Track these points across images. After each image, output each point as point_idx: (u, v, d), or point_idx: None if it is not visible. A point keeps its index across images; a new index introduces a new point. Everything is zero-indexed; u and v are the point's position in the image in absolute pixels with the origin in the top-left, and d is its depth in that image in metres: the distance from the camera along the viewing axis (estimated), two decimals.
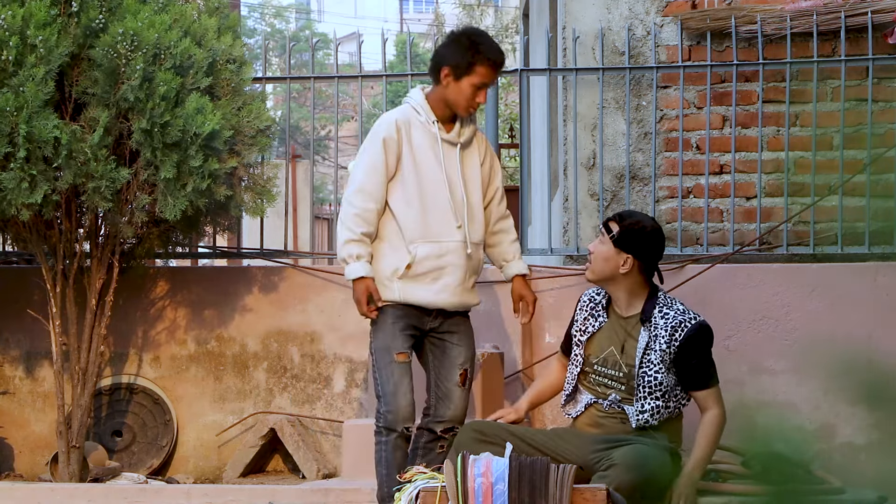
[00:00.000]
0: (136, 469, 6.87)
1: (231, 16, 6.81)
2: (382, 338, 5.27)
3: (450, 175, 5.30)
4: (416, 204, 5.25)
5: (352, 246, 5.22)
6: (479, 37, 5.37)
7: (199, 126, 6.16)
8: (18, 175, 6.02)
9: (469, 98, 5.28)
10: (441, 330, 5.34)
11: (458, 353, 5.34)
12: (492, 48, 5.30)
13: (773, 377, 6.46)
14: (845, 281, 6.47)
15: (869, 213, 6.60)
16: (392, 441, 5.23)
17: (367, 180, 5.25)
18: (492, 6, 27.92)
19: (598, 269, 5.15)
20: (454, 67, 5.27)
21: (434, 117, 5.30)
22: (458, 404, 5.31)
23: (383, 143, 5.25)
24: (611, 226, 5.15)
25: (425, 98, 5.34)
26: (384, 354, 5.25)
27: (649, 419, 5.02)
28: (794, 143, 6.82)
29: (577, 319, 5.24)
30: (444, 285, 5.28)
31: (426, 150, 5.28)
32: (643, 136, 6.95)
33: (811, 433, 6.31)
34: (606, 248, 5.13)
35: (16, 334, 7.08)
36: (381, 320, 5.28)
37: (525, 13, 11.44)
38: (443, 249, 5.28)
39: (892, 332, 6.31)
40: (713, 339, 5.14)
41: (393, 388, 5.22)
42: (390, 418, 5.22)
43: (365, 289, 5.21)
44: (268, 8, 42.02)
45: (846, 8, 6.72)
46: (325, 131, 27.81)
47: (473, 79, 5.26)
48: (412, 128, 5.29)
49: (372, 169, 5.25)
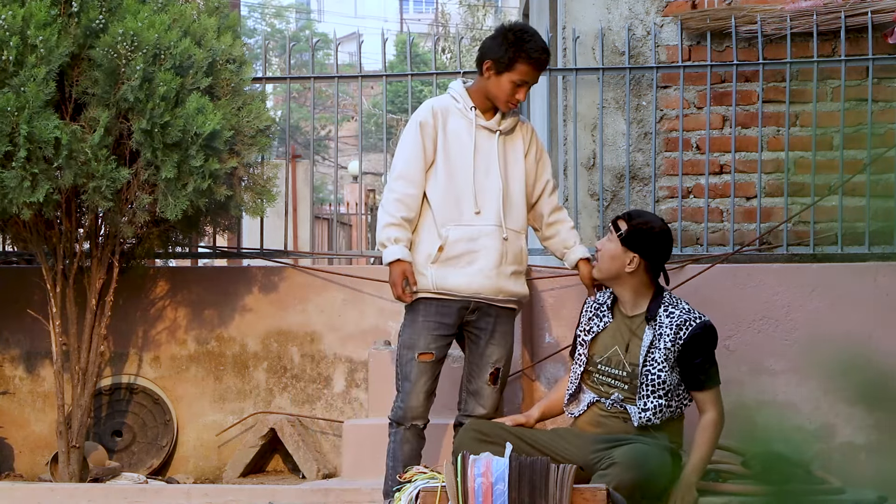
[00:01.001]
0: (136, 469, 6.87)
1: (231, 16, 6.81)
2: (410, 334, 5.27)
3: (487, 161, 5.28)
4: (449, 188, 5.24)
5: (391, 230, 5.20)
6: (526, 34, 5.28)
7: (200, 126, 6.16)
8: (20, 174, 6.02)
9: (508, 94, 5.26)
10: (479, 325, 5.30)
11: (491, 351, 5.31)
12: (535, 47, 5.24)
13: (773, 377, 6.46)
14: (845, 281, 6.47)
15: (869, 213, 6.60)
16: (401, 434, 5.26)
17: (407, 166, 5.25)
18: (492, 6, 27.93)
19: (605, 266, 5.16)
20: (496, 62, 5.25)
21: (472, 104, 5.30)
22: (489, 402, 5.32)
23: (420, 127, 5.26)
24: (619, 224, 5.16)
25: (466, 90, 5.35)
26: (407, 351, 5.26)
27: (651, 418, 5.03)
28: (794, 143, 6.82)
29: (582, 321, 5.26)
30: (479, 269, 5.24)
31: (462, 135, 5.28)
32: (643, 136, 6.95)
33: (811, 433, 6.31)
34: (614, 246, 5.14)
35: (16, 334, 7.08)
36: (412, 315, 5.27)
37: (525, 13, 11.43)
38: (475, 233, 5.25)
39: (892, 332, 6.31)
40: (717, 341, 5.15)
41: (410, 386, 5.24)
42: (400, 414, 5.26)
43: (402, 272, 5.18)
44: (268, 8, 42.02)
45: (846, 8, 6.72)
46: (325, 131, 27.81)
47: (513, 76, 5.24)
48: (449, 114, 5.29)
49: (411, 154, 5.26)
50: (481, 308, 5.28)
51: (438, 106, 5.31)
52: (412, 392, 5.23)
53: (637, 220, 5.17)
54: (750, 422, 4.68)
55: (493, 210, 5.27)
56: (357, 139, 7.77)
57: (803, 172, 6.79)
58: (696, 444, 5.04)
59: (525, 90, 5.28)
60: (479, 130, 5.29)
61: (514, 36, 5.26)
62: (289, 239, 7.46)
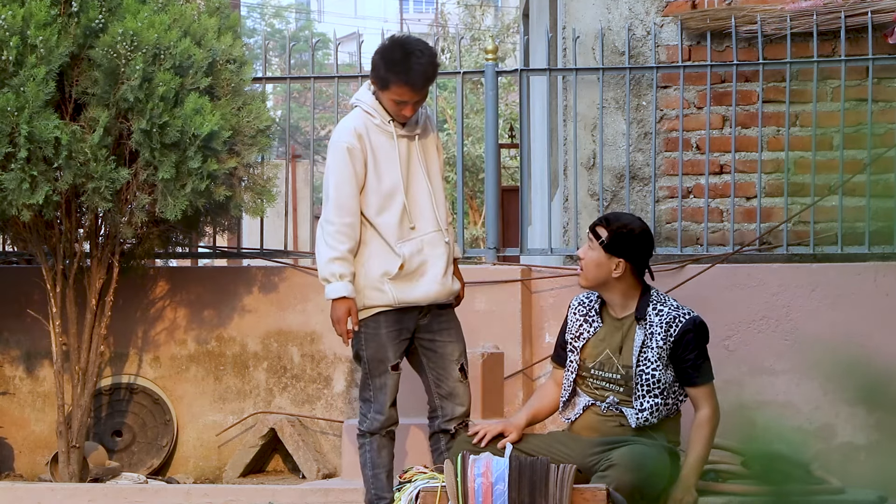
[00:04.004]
0: (136, 469, 6.87)
1: (231, 16, 6.80)
2: (377, 347, 5.25)
3: (413, 169, 5.24)
4: (388, 206, 5.21)
5: (335, 265, 5.16)
6: (400, 52, 5.12)
7: (198, 127, 6.16)
8: (19, 175, 6.02)
9: (394, 111, 5.18)
10: (430, 329, 5.31)
11: (451, 349, 5.33)
12: (407, 68, 5.08)
13: (772, 377, 6.46)
14: (845, 281, 6.47)
15: (869, 213, 6.60)
16: (377, 441, 5.27)
17: (341, 195, 5.18)
18: (492, 6, 27.92)
19: (592, 275, 5.10)
20: (376, 80, 5.17)
21: (388, 116, 5.22)
22: (465, 399, 5.32)
23: (348, 153, 5.16)
24: (599, 231, 5.09)
25: (376, 100, 5.23)
26: (379, 364, 5.25)
27: (649, 417, 5.01)
28: (794, 143, 6.81)
29: (571, 326, 5.20)
30: (433, 277, 5.26)
31: (387, 150, 5.21)
32: (643, 136, 6.95)
33: (811, 433, 6.31)
34: (597, 253, 5.07)
35: (16, 334, 7.08)
36: (374, 327, 5.25)
37: (525, 13, 11.44)
38: (423, 243, 5.25)
39: (892, 332, 6.31)
40: (709, 335, 5.13)
41: (385, 398, 5.25)
42: (376, 424, 5.26)
43: (346, 310, 5.17)
44: (268, 8, 42.00)
45: (846, 8, 6.72)
46: (325, 131, 27.80)
47: (392, 95, 5.14)
48: (370, 132, 5.20)
49: (343, 182, 5.18)
50: (432, 310, 5.31)
51: (360, 126, 5.19)
52: (387, 403, 5.26)
53: (616, 223, 5.09)
54: (749, 422, 4.68)
55: (430, 218, 5.26)
56: None
57: (803, 172, 6.78)
58: (692, 443, 5.03)
59: (411, 106, 5.16)
60: (399, 140, 5.23)
61: (388, 56, 5.13)
62: (289, 239, 7.46)
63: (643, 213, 6.83)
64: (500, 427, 5.11)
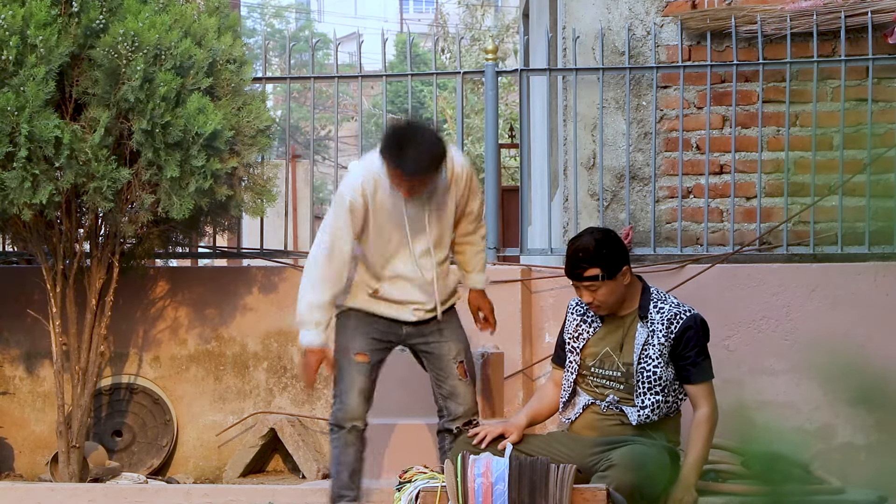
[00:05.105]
0: (136, 469, 6.87)
1: (231, 16, 6.81)
2: (342, 339, 5.34)
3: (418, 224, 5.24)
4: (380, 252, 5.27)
5: (316, 312, 5.22)
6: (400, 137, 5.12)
7: (201, 126, 6.16)
8: (20, 175, 6.02)
9: (398, 188, 5.17)
10: (422, 333, 5.36)
11: (448, 349, 5.35)
12: (400, 159, 5.07)
13: (772, 377, 6.46)
14: (845, 281, 6.47)
15: (869, 213, 6.60)
16: (343, 437, 5.30)
17: (335, 242, 5.23)
18: (492, 6, 27.91)
19: (612, 302, 5.06)
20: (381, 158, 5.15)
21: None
22: (467, 397, 5.35)
23: (350, 206, 5.20)
24: (591, 272, 5.00)
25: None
26: (344, 353, 5.32)
27: (650, 415, 5.01)
28: (794, 143, 6.81)
29: (569, 327, 5.20)
30: (412, 310, 5.33)
31: (391, 206, 5.22)
32: (643, 136, 6.95)
33: (811, 433, 6.31)
34: (605, 287, 5.03)
35: (16, 334, 7.09)
36: (344, 320, 5.34)
37: (525, 13, 11.44)
38: (407, 284, 5.31)
39: (892, 332, 6.31)
40: (709, 333, 5.13)
41: (346, 386, 5.30)
42: (339, 416, 5.31)
43: (318, 360, 5.24)
44: (268, 8, 42.02)
45: (846, 8, 6.72)
46: (325, 131, 27.81)
47: (392, 178, 5.15)
48: (378, 188, 5.21)
49: (339, 231, 5.23)
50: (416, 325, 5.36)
51: (367, 183, 5.19)
52: (350, 392, 5.28)
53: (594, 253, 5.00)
54: (749, 422, 4.68)
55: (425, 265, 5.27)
56: (357, 139, 7.77)
57: (803, 172, 6.79)
58: (691, 443, 5.03)
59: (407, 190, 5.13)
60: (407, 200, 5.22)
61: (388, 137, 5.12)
62: (289, 239, 7.46)
63: (643, 213, 6.84)
64: (501, 428, 5.10)
